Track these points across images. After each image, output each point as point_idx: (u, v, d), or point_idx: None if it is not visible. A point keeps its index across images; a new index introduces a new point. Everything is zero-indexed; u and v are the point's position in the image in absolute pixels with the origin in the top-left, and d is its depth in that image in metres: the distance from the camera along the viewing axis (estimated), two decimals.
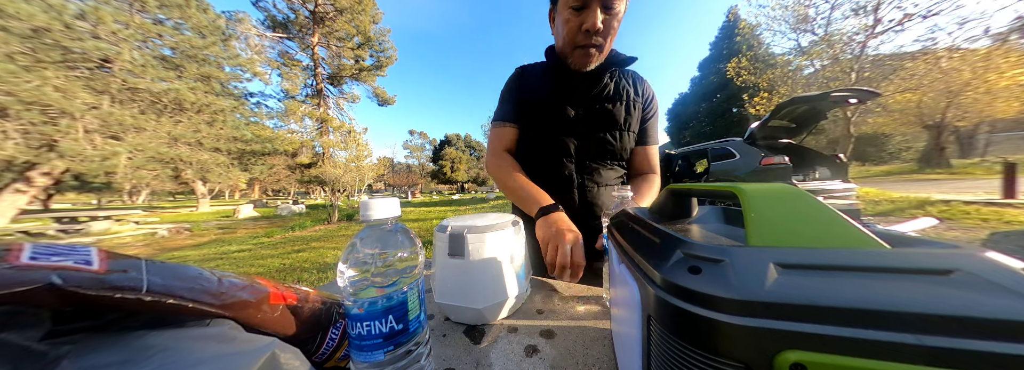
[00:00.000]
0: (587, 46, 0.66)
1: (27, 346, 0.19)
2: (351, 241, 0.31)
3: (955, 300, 0.13)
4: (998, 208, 4.63)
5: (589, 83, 0.74)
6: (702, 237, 0.28)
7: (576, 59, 0.69)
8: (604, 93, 0.75)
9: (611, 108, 0.74)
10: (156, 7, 9.22)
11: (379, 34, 13.84)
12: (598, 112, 0.74)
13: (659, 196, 0.35)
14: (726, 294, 0.15)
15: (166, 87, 8.86)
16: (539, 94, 0.77)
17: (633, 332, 0.23)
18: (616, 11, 0.62)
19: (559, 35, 0.70)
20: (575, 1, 0.62)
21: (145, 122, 8.57)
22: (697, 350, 0.16)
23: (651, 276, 0.20)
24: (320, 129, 13.02)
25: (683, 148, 6.24)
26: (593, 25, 0.61)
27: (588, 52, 0.66)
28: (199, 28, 10.13)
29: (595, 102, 0.74)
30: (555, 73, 0.77)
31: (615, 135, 0.76)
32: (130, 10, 8.89)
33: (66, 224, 7.63)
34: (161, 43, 9.62)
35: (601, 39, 0.65)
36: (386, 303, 0.29)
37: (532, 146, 0.80)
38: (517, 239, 0.54)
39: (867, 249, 0.17)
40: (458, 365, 0.38)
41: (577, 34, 0.65)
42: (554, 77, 0.77)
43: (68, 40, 7.29)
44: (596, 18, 0.61)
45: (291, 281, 3.02)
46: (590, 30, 0.63)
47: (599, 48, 0.66)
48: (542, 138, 0.77)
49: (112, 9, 8.28)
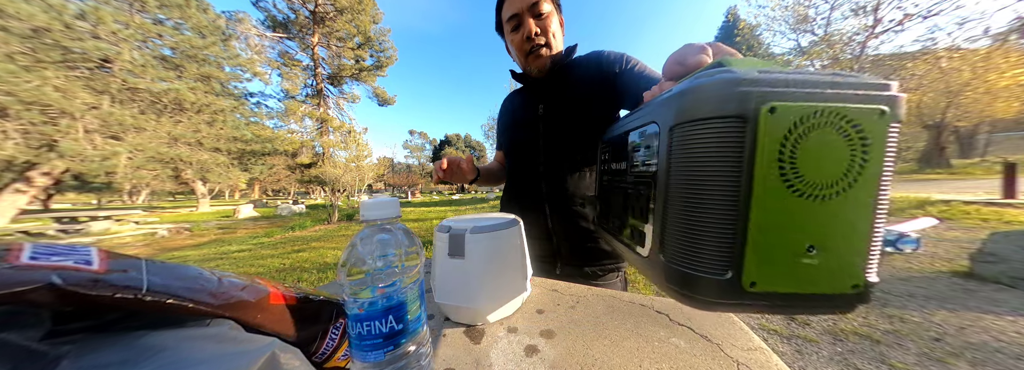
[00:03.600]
0: (534, 49, 0.75)
1: (27, 346, 0.19)
2: (351, 241, 0.31)
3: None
4: (998, 208, 4.63)
5: (541, 86, 0.83)
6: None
7: (532, 64, 0.79)
8: (562, 86, 0.80)
9: (570, 98, 0.78)
10: (156, 7, 9.21)
11: (379, 34, 13.83)
12: (563, 105, 0.79)
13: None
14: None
15: (166, 87, 8.85)
16: (509, 110, 0.92)
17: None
18: (545, 14, 0.73)
19: (515, 55, 0.82)
20: (511, 24, 0.75)
21: (145, 122, 8.56)
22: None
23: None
24: (320, 129, 13.01)
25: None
26: (530, 32, 0.73)
27: (538, 53, 0.76)
28: (199, 28, 10.13)
29: (557, 98, 0.80)
30: (520, 88, 0.91)
31: (582, 121, 0.78)
32: (130, 10, 8.89)
33: (66, 224, 7.64)
34: (161, 43, 9.62)
35: (543, 39, 0.74)
36: (386, 303, 0.29)
37: (509, 157, 0.92)
38: (517, 239, 0.54)
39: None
40: (458, 365, 0.38)
41: (523, 45, 0.75)
42: (518, 91, 0.91)
43: (68, 40, 7.29)
44: (530, 25, 0.73)
45: (291, 281, 3.02)
46: (529, 36, 0.73)
47: (546, 46, 0.75)
48: (518, 143, 0.88)
49: (112, 9, 8.28)
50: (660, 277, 0.26)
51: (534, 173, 0.81)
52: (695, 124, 0.22)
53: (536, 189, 0.80)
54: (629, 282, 0.87)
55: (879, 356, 1.47)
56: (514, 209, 0.82)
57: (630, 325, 0.46)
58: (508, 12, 0.74)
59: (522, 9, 0.72)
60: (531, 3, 0.71)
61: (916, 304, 1.96)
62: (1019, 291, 2.06)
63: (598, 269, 0.76)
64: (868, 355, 1.48)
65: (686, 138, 0.23)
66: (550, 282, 0.65)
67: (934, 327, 1.69)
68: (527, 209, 0.80)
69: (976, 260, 2.39)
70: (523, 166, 0.86)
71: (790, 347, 1.58)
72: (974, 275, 2.33)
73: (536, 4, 0.71)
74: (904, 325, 1.73)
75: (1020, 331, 1.62)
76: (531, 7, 0.72)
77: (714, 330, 0.43)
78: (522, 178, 0.87)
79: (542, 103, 0.80)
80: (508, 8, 0.74)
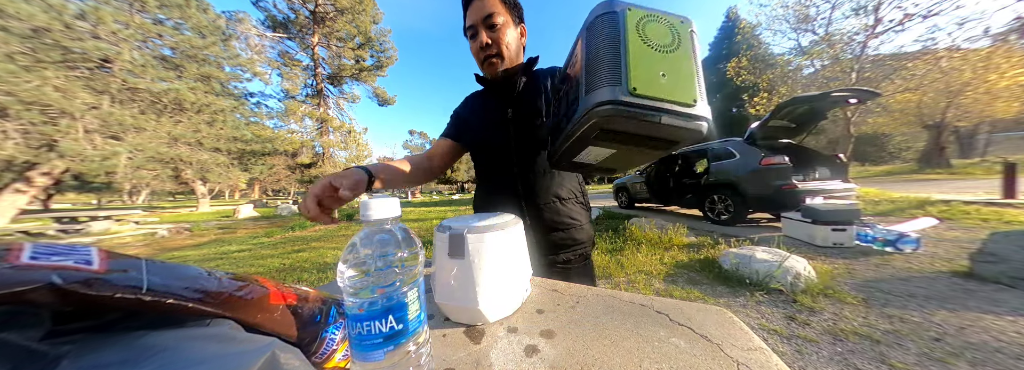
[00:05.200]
0: (487, 58, 0.82)
1: (27, 346, 0.19)
2: (351, 241, 0.31)
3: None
4: (998, 208, 4.63)
5: (506, 90, 0.87)
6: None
7: (486, 70, 0.86)
8: (522, 90, 0.86)
9: (535, 106, 0.85)
10: (156, 7, 9.20)
11: (379, 34, 13.80)
12: (524, 109, 0.85)
13: None
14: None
15: (166, 87, 8.85)
16: (473, 109, 0.96)
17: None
18: (498, 25, 0.79)
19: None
20: (469, 33, 0.82)
21: (145, 122, 8.56)
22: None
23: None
24: (320, 129, 12.97)
25: (683, 148, 6.24)
26: (482, 42, 0.80)
27: (491, 62, 0.82)
28: (199, 28, 10.12)
29: (522, 103, 0.85)
30: (483, 91, 0.96)
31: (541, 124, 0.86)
32: (130, 10, 8.88)
33: (66, 224, 7.64)
34: (161, 43, 9.60)
35: (495, 49, 0.81)
36: (386, 303, 0.29)
37: (479, 156, 0.95)
38: (517, 239, 0.54)
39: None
40: (458, 365, 0.38)
41: (478, 53, 0.82)
42: (483, 94, 0.96)
43: (68, 40, 7.29)
44: (483, 37, 0.79)
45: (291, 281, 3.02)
46: (482, 47, 0.80)
47: (499, 56, 0.82)
48: (489, 145, 0.90)
49: (112, 9, 8.27)
50: (582, 115, 0.39)
51: (508, 173, 0.86)
52: (601, 17, 0.39)
53: (511, 189, 0.86)
54: (595, 266, 0.97)
55: (879, 356, 1.47)
56: (489, 209, 0.90)
57: (630, 325, 0.46)
58: (467, 22, 0.82)
59: (477, 21, 0.78)
60: (484, 16, 0.78)
61: (916, 304, 1.96)
62: (1019, 291, 2.06)
63: (570, 255, 0.87)
64: (868, 355, 1.48)
65: (598, 28, 0.39)
66: (550, 282, 0.65)
67: (934, 327, 1.69)
68: (503, 208, 0.85)
69: (976, 260, 2.39)
70: (496, 167, 0.90)
71: (790, 347, 1.58)
72: (974, 275, 2.33)
73: (490, 16, 0.78)
74: (904, 325, 1.72)
75: (1020, 331, 1.61)
76: (484, 19, 0.78)
77: (714, 330, 0.43)
78: (496, 179, 0.91)
79: (510, 107, 0.85)
80: (467, 18, 0.81)
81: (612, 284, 2.58)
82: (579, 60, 0.43)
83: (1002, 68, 11.67)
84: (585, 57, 0.40)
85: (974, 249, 2.55)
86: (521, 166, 0.85)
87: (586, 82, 0.38)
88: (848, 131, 10.63)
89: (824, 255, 3.01)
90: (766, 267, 2.37)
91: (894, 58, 12.54)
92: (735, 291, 2.28)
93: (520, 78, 0.86)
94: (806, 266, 2.38)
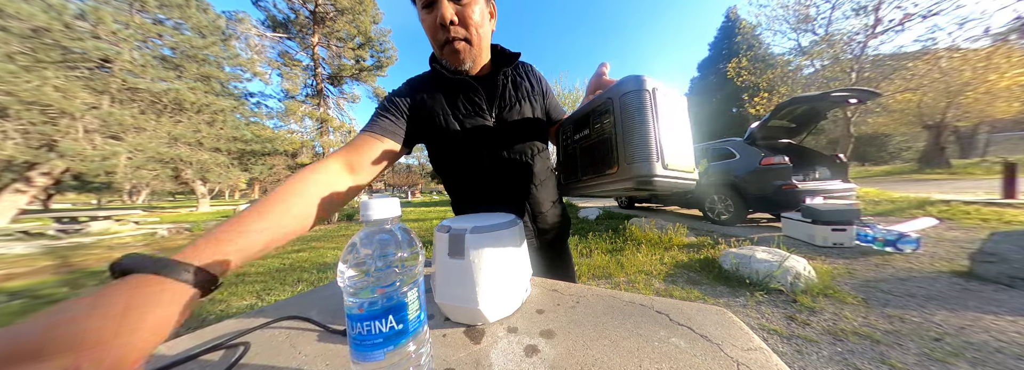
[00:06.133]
0: (450, 41, 0.60)
1: None
2: (351, 241, 0.31)
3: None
4: (998, 208, 4.63)
5: (487, 89, 0.69)
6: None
7: (448, 58, 0.63)
8: (506, 96, 0.70)
9: (520, 110, 0.70)
10: (156, 7, 9.20)
11: (380, 34, 13.78)
12: (509, 118, 0.69)
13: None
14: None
15: (166, 87, 8.85)
16: (439, 108, 0.68)
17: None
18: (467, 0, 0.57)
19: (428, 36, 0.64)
20: (421, 1, 0.59)
21: (145, 122, 8.57)
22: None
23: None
24: (320, 129, 12.96)
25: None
26: (443, 18, 0.56)
27: (454, 48, 0.60)
28: (199, 28, 10.12)
29: (502, 109, 0.69)
30: (448, 84, 0.68)
31: (531, 136, 0.73)
32: (130, 10, 8.88)
33: (66, 224, 7.63)
34: (161, 43, 9.61)
35: (462, 30, 0.59)
36: (386, 303, 0.29)
37: (447, 166, 0.75)
38: (517, 239, 0.54)
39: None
40: (458, 365, 0.38)
41: (436, 31, 0.59)
42: (449, 88, 0.69)
43: (68, 40, 7.29)
44: (445, 10, 0.56)
45: (291, 281, 3.00)
46: (443, 24, 0.57)
47: (466, 40, 0.60)
48: (457, 156, 0.72)
49: (112, 9, 8.27)
50: (626, 175, 0.45)
51: (490, 183, 0.73)
52: (634, 93, 0.45)
53: (491, 199, 0.74)
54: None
55: (879, 356, 1.47)
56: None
57: (630, 325, 0.46)
58: None
59: None
60: None
61: (916, 304, 1.96)
62: (1019, 291, 2.06)
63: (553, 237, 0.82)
64: (868, 355, 1.48)
65: (632, 103, 0.45)
66: (550, 282, 0.65)
67: (934, 327, 1.69)
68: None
69: (976, 260, 2.39)
70: (469, 176, 0.74)
71: (790, 347, 1.58)
72: (974, 275, 2.33)
73: None
74: (904, 325, 1.72)
75: (1020, 331, 1.61)
76: None
77: (714, 330, 0.43)
78: (471, 190, 0.76)
79: (492, 111, 0.69)
80: None
81: (612, 284, 2.57)
82: (607, 121, 0.50)
83: (1002, 68, 11.67)
84: (622, 126, 0.46)
85: (974, 249, 2.55)
86: (501, 176, 0.72)
87: (625, 152, 0.45)
88: (848, 131, 10.63)
89: (824, 255, 3.01)
90: (766, 267, 2.37)
91: (894, 58, 12.54)
92: (735, 291, 2.28)
93: (507, 78, 0.70)
94: (806, 266, 2.38)
